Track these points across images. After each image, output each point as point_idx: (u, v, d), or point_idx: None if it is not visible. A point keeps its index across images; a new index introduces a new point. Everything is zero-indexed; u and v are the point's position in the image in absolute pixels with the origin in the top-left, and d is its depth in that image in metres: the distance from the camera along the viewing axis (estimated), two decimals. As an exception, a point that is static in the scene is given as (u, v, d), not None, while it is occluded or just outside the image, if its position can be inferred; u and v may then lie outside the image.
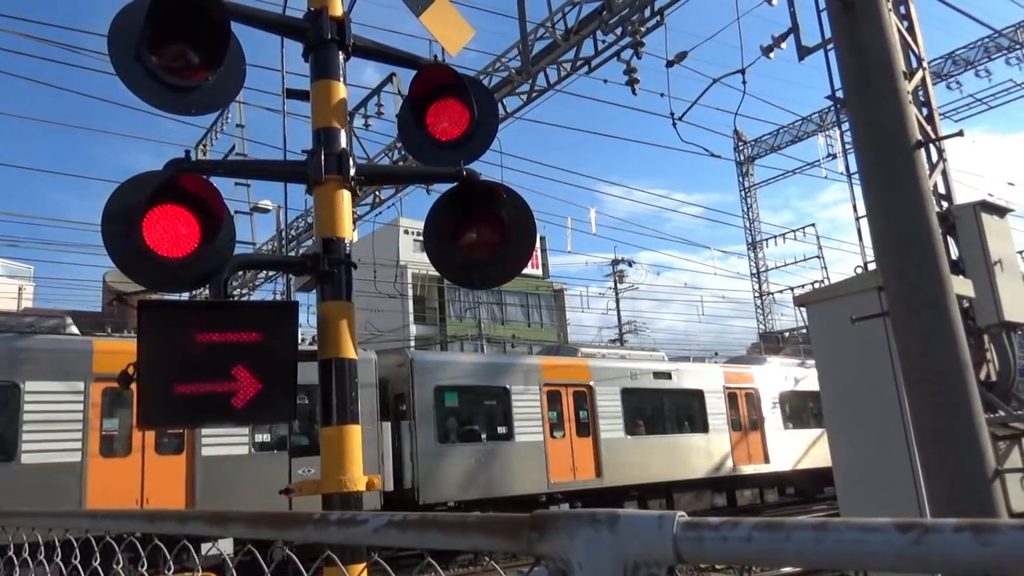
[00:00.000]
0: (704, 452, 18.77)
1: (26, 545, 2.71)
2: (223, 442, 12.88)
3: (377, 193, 17.71)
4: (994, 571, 0.77)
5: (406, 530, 1.21)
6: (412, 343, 33.03)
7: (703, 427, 19.10)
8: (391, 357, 16.12)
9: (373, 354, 14.96)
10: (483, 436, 15.74)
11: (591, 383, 17.25)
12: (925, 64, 7.37)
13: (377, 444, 13.82)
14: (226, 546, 11.01)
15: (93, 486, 11.58)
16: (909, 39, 7.25)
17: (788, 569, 12.93)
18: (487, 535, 1.10)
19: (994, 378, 6.28)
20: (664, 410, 19.01)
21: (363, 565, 2.90)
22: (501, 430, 15.83)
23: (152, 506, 11.64)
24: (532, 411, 16.05)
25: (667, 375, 19.03)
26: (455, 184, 3.61)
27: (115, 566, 1.97)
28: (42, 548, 2.59)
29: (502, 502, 15.15)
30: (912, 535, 0.79)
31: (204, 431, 12.39)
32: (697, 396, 19.30)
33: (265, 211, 19.01)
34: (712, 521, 0.93)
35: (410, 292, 34.36)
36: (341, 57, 3.57)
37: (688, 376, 19.53)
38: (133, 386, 2.86)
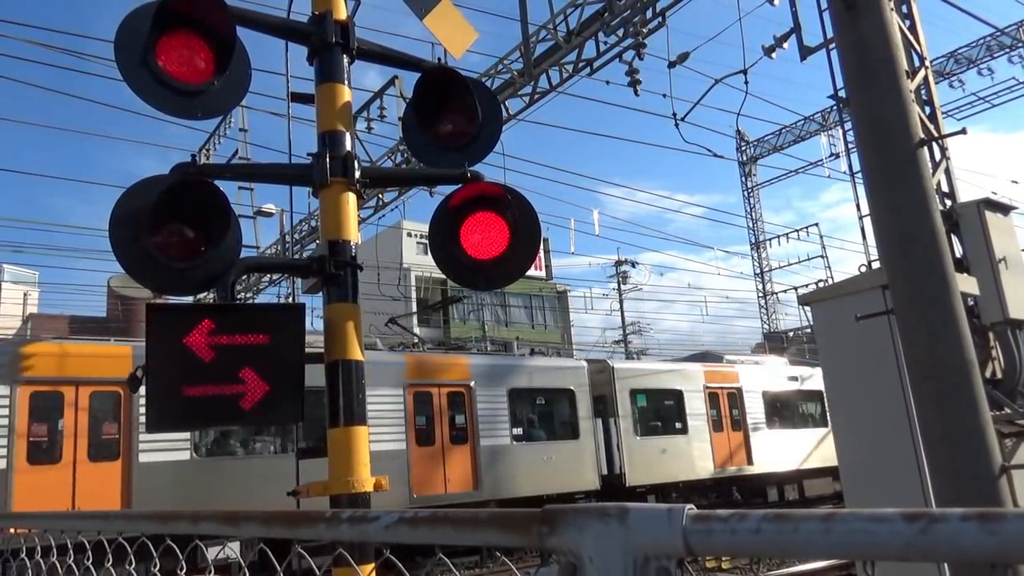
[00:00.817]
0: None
1: (38, 548, 2.73)
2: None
3: (380, 196, 17.74)
4: (1000, 559, 0.78)
5: (417, 527, 1.22)
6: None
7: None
8: (592, 364, 18.51)
9: (584, 362, 18.14)
10: (665, 430, 18.59)
11: (739, 386, 20.09)
12: (927, 62, 7.36)
13: (593, 436, 16.95)
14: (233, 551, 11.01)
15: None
16: (911, 37, 7.25)
17: (794, 568, 12.91)
18: (499, 530, 1.12)
19: (999, 376, 6.27)
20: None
21: (371, 565, 2.92)
22: (678, 425, 18.68)
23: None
24: (699, 410, 19.10)
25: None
26: (459, 186, 3.63)
27: (127, 566, 1.99)
28: (55, 551, 2.61)
29: (683, 486, 18.19)
30: (919, 524, 0.80)
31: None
32: None
33: (268, 215, 19.06)
34: (721, 513, 0.94)
35: (414, 295, 34.37)
36: (345, 60, 3.60)
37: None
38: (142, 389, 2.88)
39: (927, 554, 0.81)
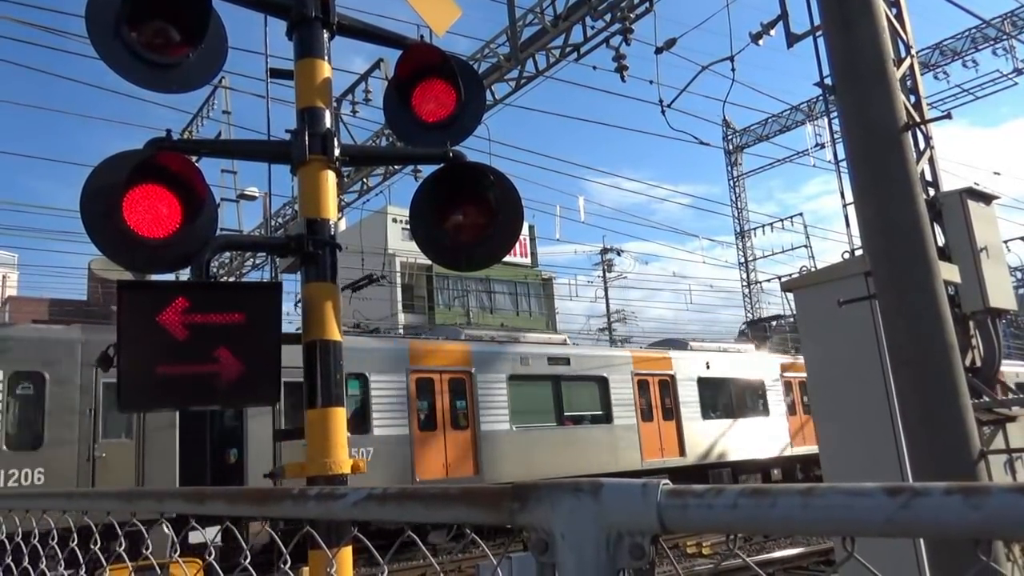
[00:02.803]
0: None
1: (2, 529, 2.67)
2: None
3: (365, 181, 17.61)
4: (984, 534, 0.75)
5: (386, 503, 1.18)
6: (401, 331, 32.96)
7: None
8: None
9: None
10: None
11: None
12: (913, 52, 7.36)
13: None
14: (211, 535, 10.93)
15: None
16: (898, 26, 7.23)
17: (773, 555, 13.03)
18: (468, 506, 1.08)
19: (979, 364, 6.31)
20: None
21: (348, 548, 2.88)
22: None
23: None
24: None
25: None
26: (441, 165, 3.57)
27: (93, 546, 1.94)
28: (19, 535, 2.56)
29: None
30: (901, 499, 0.77)
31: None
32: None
33: (252, 198, 18.87)
34: (697, 488, 0.91)
35: (398, 280, 34.24)
36: (325, 36, 3.52)
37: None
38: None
39: (909, 529, 0.78)
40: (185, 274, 3.22)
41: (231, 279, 21.28)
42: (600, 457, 17.20)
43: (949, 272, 5.29)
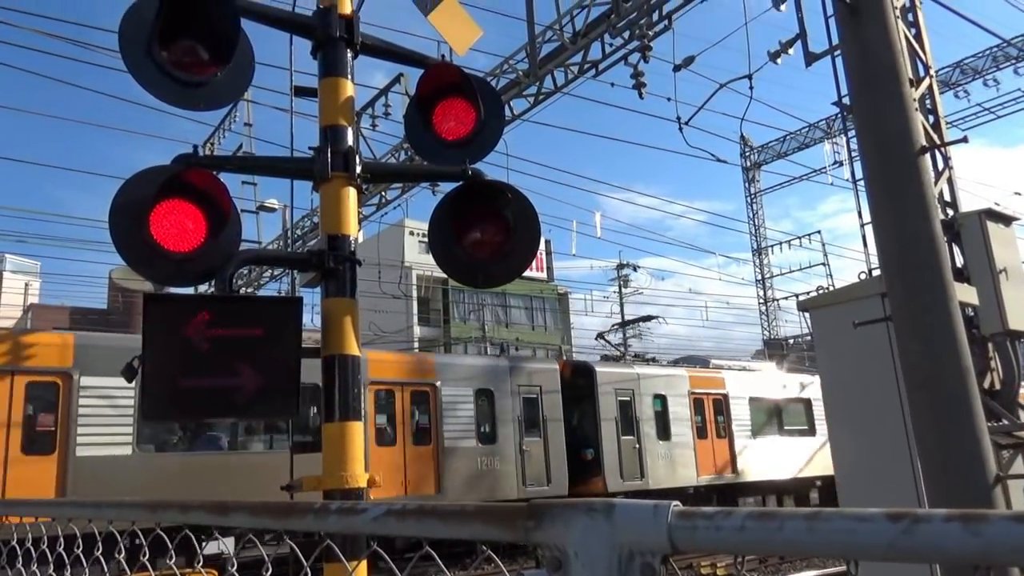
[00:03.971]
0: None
1: (29, 537, 2.72)
2: None
3: (383, 194, 17.75)
4: (984, 561, 0.78)
5: (405, 519, 1.22)
6: (416, 345, 33.06)
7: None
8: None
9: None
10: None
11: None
12: (932, 72, 7.36)
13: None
14: (229, 545, 10.99)
15: None
16: (916, 47, 7.24)
17: (789, 576, 12.87)
18: (484, 523, 1.12)
19: (998, 387, 6.26)
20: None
21: (363, 562, 2.91)
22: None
23: None
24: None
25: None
26: (460, 183, 3.63)
27: (117, 555, 1.99)
28: (45, 541, 2.61)
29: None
30: (902, 524, 0.80)
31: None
32: None
33: (271, 210, 19.07)
34: (706, 511, 0.94)
35: (414, 293, 34.38)
36: (349, 55, 3.60)
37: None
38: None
39: (910, 555, 0.80)
40: (204, 286, 3.28)
41: (249, 291, 21.46)
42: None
43: (966, 294, 5.27)
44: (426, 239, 3.87)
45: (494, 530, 1.11)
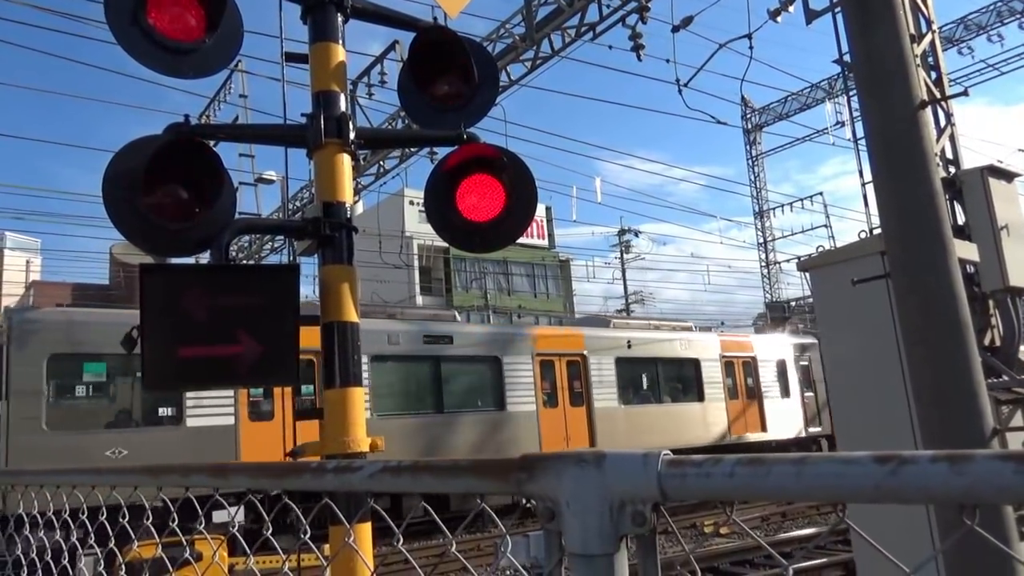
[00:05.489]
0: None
1: (35, 509, 2.76)
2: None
3: (382, 163, 17.65)
4: (968, 500, 0.78)
5: (400, 475, 1.23)
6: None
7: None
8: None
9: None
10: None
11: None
12: (935, 27, 7.24)
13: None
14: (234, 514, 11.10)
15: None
16: (919, 1, 7.12)
17: (795, 533, 13.03)
18: (477, 477, 1.12)
19: (998, 343, 6.26)
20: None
21: (367, 524, 2.95)
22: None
23: None
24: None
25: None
26: (455, 148, 3.60)
27: (121, 519, 2.01)
28: (51, 512, 2.64)
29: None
30: (889, 466, 0.80)
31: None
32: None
33: (269, 182, 18.99)
34: (695, 458, 0.95)
35: (416, 263, 34.37)
36: (340, 19, 3.54)
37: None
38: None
39: (897, 495, 0.81)
40: (204, 257, 3.28)
41: (251, 263, 21.46)
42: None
43: (966, 250, 5.25)
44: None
45: (487, 483, 1.12)
